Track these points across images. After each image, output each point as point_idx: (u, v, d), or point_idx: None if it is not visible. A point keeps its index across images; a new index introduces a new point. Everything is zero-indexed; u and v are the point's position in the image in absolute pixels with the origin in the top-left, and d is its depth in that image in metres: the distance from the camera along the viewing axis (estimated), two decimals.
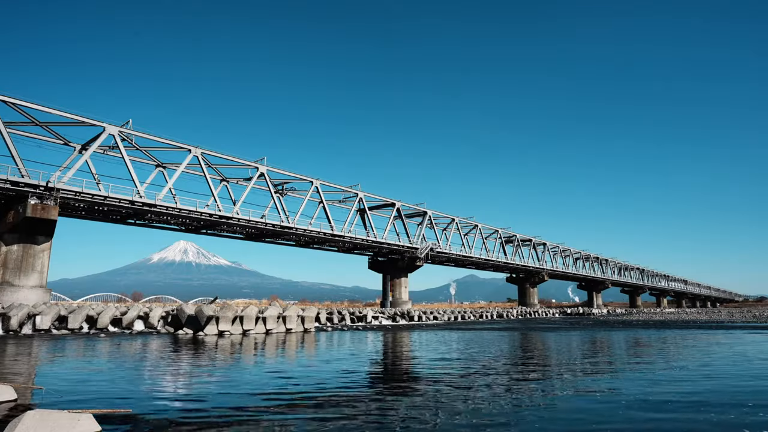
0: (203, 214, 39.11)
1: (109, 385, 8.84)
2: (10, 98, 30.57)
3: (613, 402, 7.36)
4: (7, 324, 21.40)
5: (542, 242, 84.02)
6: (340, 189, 50.90)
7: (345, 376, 10.29)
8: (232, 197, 46.06)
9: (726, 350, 16.35)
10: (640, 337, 22.46)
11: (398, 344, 19.32)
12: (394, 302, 58.06)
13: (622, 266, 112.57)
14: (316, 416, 6.38)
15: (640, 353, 15.66)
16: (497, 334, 25.05)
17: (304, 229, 46.65)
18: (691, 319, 49.27)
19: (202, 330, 21.68)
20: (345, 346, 17.78)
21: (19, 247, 30.71)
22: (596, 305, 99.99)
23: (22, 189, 30.15)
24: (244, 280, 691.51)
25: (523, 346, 18.29)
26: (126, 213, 37.51)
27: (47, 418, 5.07)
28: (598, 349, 17.01)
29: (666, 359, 13.60)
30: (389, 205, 56.79)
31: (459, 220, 65.22)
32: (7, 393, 6.97)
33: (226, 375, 10.40)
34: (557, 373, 10.66)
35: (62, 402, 6.96)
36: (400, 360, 14.15)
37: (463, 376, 10.25)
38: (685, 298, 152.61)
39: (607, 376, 10.33)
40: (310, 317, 26.05)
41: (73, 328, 23.26)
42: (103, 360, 13.04)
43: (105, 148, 36.44)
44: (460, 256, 66.08)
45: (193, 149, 38.45)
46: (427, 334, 24.73)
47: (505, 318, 54.44)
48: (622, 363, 12.76)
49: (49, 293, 31.79)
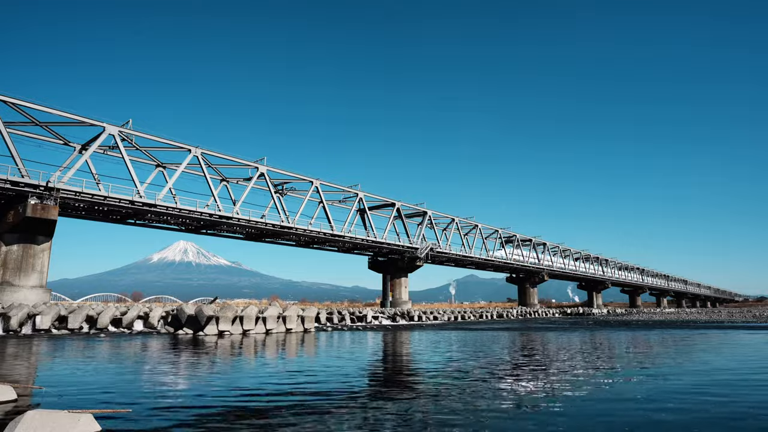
0: (203, 214, 39.12)
1: (109, 385, 8.83)
2: (10, 98, 30.56)
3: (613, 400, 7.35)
4: (7, 324, 21.40)
5: (542, 242, 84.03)
6: (340, 189, 50.91)
7: (345, 377, 10.28)
8: (232, 197, 46.07)
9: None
10: (649, 337, 22.45)
11: (398, 344, 19.32)
12: (394, 302, 58.07)
13: (622, 266, 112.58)
14: (316, 417, 6.37)
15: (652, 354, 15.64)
16: (497, 334, 25.04)
17: (304, 229, 46.66)
18: (691, 319, 49.27)
19: (202, 330, 21.67)
20: (345, 347, 17.78)
21: (19, 247, 30.71)
22: (596, 305, 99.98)
23: (22, 189, 30.15)
24: (244, 280, 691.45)
25: (523, 346, 18.27)
26: (126, 213, 37.51)
27: (47, 418, 5.06)
28: (597, 348, 17.00)
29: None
30: (389, 205, 56.80)
31: (459, 220, 65.22)
32: (7, 393, 6.96)
33: (226, 375, 10.39)
34: (559, 374, 10.66)
35: (62, 402, 6.95)
36: (400, 361, 14.15)
37: (464, 376, 10.25)
38: (685, 298, 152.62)
39: (601, 373, 10.34)
40: (310, 317, 26.05)
41: (73, 328, 23.26)
42: (103, 360, 13.04)
43: (105, 148, 36.45)
44: (460, 256, 66.09)
45: (193, 149, 38.46)
46: (428, 334, 24.73)
47: (505, 318, 54.45)
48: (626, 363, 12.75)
49: (49, 293, 31.79)
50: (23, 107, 31.54)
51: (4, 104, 30.59)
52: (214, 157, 40.88)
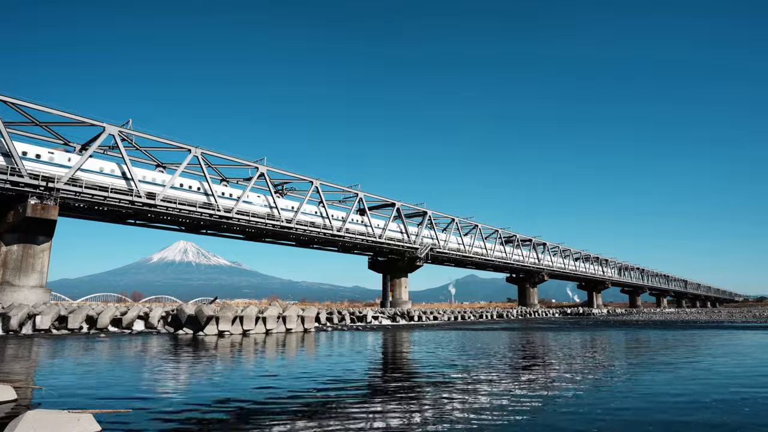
0: (203, 214, 39.11)
1: (109, 385, 8.83)
2: (10, 98, 30.54)
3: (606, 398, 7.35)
4: (7, 324, 21.39)
5: (542, 242, 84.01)
6: (340, 189, 50.91)
7: (345, 378, 10.28)
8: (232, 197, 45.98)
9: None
10: (653, 336, 22.42)
11: (398, 345, 19.31)
12: (394, 302, 58.06)
13: (622, 266, 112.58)
14: (317, 418, 6.37)
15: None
16: (497, 334, 25.04)
17: (304, 229, 46.66)
18: (691, 319, 49.28)
19: (202, 330, 21.66)
20: (345, 347, 17.77)
21: (19, 247, 30.69)
22: (596, 305, 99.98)
23: (22, 189, 30.14)
24: (244, 280, 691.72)
25: (524, 346, 18.27)
26: (126, 213, 37.50)
27: (47, 418, 5.06)
28: (597, 347, 17.00)
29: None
30: (389, 205, 56.79)
31: (459, 220, 65.21)
32: (7, 393, 6.97)
33: (226, 375, 10.39)
34: (561, 374, 10.66)
35: (62, 402, 6.95)
36: (401, 361, 14.14)
37: (465, 376, 10.24)
38: (685, 298, 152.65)
39: (600, 371, 10.34)
40: (310, 317, 26.03)
41: (73, 328, 23.24)
42: (103, 360, 13.04)
43: (105, 148, 36.44)
44: (460, 256, 66.08)
45: (193, 149, 38.44)
46: (428, 335, 24.72)
47: (505, 318, 54.43)
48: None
49: (49, 293, 31.78)
50: (23, 107, 31.52)
51: (4, 104, 30.56)
52: (214, 157, 40.86)
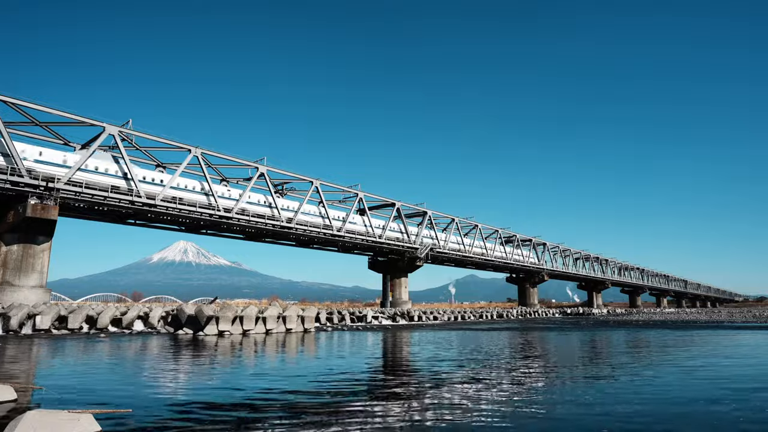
0: (203, 214, 39.11)
1: (109, 385, 8.84)
2: (10, 98, 30.55)
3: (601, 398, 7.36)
4: (7, 324, 21.39)
5: (542, 242, 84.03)
6: (340, 189, 50.92)
7: (345, 378, 10.28)
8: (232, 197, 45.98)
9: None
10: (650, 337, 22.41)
11: (398, 345, 19.31)
12: (394, 302, 58.06)
13: (622, 266, 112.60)
14: (317, 418, 6.37)
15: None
16: (497, 334, 25.04)
17: (304, 229, 46.66)
18: (691, 319, 49.27)
19: (202, 330, 21.66)
20: (345, 347, 17.77)
21: (19, 247, 30.69)
22: (596, 305, 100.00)
23: (22, 189, 30.14)
24: (244, 280, 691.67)
25: (524, 347, 18.27)
26: (126, 213, 37.50)
27: (47, 418, 5.07)
28: (598, 349, 17.01)
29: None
30: (389, 205, 56.80)
31: (459, 220, 65.21)
32: (7, 393, 6.97)
33: (226, 375, 10.39)
34: (561, 375, 10.66)
35: (62, 402, 6.95)
36: (401, 361, 14.14)
37: (465, 376, 10.25)
38: (685, 298, 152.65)
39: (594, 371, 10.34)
40: (310, 317, 26.03)
41: (73, 328, 23.25)
42: (103, 360, 13.04)
43: (105, 148, 36.42)
44: (460, 256, 66.08)
45: (193, 149, 38.45)
46: (428, 335, 24.72)
47: (505, 318, 54.43)
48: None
49: (49, 293, 31.78)
50: (23, 107, 31.52)
51: (4, 104, 30.57)
52: (214, 157, 40.87)
